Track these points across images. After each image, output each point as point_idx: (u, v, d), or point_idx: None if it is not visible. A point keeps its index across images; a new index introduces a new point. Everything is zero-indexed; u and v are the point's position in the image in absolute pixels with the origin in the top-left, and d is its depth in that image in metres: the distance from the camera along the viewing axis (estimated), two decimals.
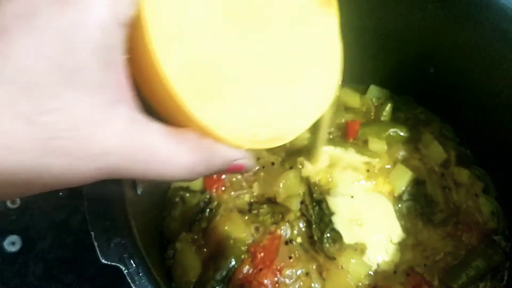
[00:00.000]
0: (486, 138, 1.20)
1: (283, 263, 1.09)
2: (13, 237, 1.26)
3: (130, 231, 0.78)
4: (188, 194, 1.17)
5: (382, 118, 1.29)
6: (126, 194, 0.83)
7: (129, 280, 0.72)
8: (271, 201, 1.18)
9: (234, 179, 1.21)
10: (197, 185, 1.19)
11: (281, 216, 1.14)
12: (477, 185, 1.21)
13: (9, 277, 1.23)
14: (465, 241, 1.14)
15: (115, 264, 0.73)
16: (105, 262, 0.73)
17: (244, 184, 1.21)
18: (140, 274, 0.73)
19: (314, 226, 1.13)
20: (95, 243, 0.74)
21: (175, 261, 1.10)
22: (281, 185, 1.19)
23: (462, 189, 1.20)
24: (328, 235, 1.12)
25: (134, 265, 0.73)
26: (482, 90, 1.13)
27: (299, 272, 1.09)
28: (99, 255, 0.73)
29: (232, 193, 1.19)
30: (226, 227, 1.12)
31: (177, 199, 1.17)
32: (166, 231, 1.16)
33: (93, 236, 0.75)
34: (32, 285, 1.23)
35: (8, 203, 1.29)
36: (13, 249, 1.25)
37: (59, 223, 1.29)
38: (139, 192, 0.91)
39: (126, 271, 0.73)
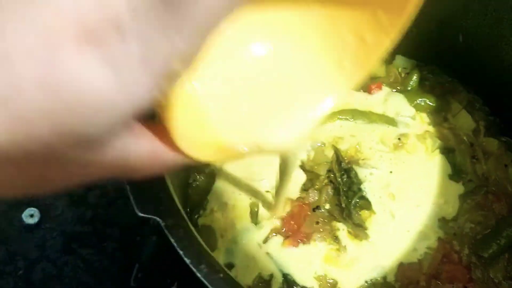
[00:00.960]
0: None
1: (310, 229, 1.08)
2: (32, 210, 1.24)
3: (165, 185, 0.76)
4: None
5: (409, 88, 1.26)
6: None
7: (167, 232, 0.70)
8: (300, 167, 1.16)
9: None
10: None
11: (310, 183, 1.12)
12: (506, 156, 1.18)
13: (28, 249, 1.22)
14: (495, 211, 1.12)
15: (150, 216, 0.71)
16: (141, 215, 0.71)
17: None
18: (177, 226, 0.71)
19: (342, 193, 1.12)
20: (130, 196, 0.72)
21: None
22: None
23: (492, 159, 1.18)
24: (357, 202, 1.11)
25: (171, 218, 0.71)
26: None
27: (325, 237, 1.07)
28: (135, 207, 0.71)
29: None
30: None
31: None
32: (189, 200, 1.14)
33: (128, 189, 0.73)
34: (50, 258, 1.22)
35: None
36: (31, 221, 1.23)
37: (77, 197, 1.28)
38: None
39: (163, 223, 0.71)
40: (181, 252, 0.69)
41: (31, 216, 1.24)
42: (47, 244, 1.23)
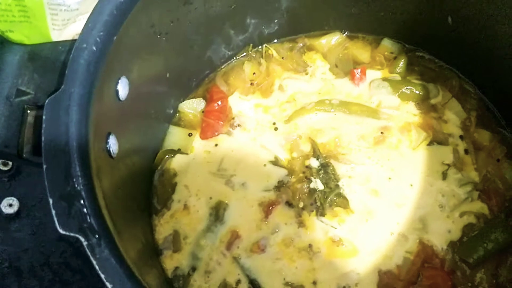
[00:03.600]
0: None
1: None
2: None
3: (95, 197, 0.69)
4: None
5: (396, 73, 1.16)
6: (96, 156, 0.74)
7: (89, 253, 0.63)
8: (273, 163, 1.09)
9: None
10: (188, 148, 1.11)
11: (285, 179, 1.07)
12: (499, 149, 1.08)
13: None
14: (484, 211, 1.02)
15: (73, 234, 0.64)
16: (63, 232, 0.65)
17: None
18: (102, 246, 0.64)
19: (317, 190, 1.04)
20: (53, 211, 0.65)
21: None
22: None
23: (482, 152, 1.08)
24: (333, 200, 1.03)
25: (95, 236, 0.65)
26: (508, 41, 1.00)
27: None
28: (57, 224, 0.65)
29: None
30: None
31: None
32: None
33: (51, 203, 0.66)
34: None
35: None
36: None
37: None
38: (113, 155, 0.81)
39: (85, 242, 0.64)
40: (102, 276, 0.62)
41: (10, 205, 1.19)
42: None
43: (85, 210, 0.66)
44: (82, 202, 0.67)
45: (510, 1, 0.93)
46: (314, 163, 1.08)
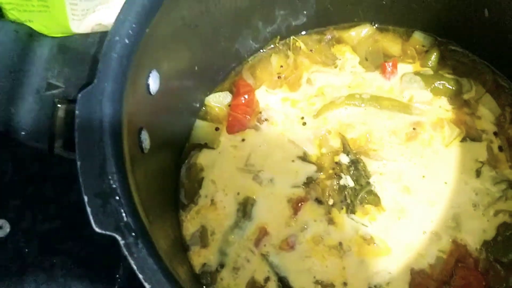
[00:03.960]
0: None
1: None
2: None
3: (130, 195, 0.67)
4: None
5: (428, 67, 1.13)
6: (129, 152, 0.72)
7: (126, 253, 0.62)
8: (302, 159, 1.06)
9: None
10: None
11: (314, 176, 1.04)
12: None
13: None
14: None
15: (109, 233, 0.63)
16: (99, 231, 0.63)
17: None
18: (139, 245, 0.63)
19: (347, 188, 1.02)
20: (88, 209, 0.64)
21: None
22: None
23: None
24: (364, 197, 1.01)
25: (132, 235, 0.63)
26: None
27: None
28: (92, 222, 0.63)
29: None
30: None
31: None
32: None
33: (85, 200, 0.64)
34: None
35: None
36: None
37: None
38: (145, 150, 0.80)
39: (122, 241, 0.62)
40: (140, 276, 0.60)
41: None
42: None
43: (121, 208, 0.64)
44: (118, 199, 0.65)
45: None
46: (344, 159, 1.05)
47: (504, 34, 1.05)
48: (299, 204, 1.02)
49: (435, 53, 1.14)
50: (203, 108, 1.12)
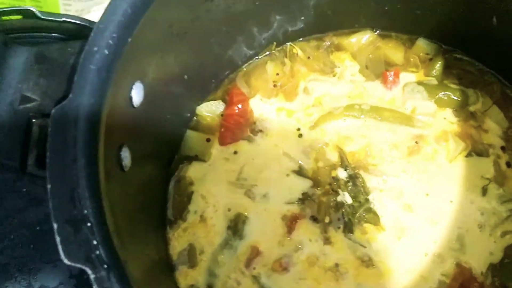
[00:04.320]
0: None
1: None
2: None
3: (104, 221, 0.61)
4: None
5: (432, 77, 1.07)
6: (106, 172, 0.66)
7: (96, 287, 0.56)
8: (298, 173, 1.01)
9: None
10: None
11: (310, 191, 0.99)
12: None
13: None
14: None
15: (80, 266, 0.57)
16: (69, 263, 0.58)
17: None
18: (111, 279, 0.57)
19: (345, 205, 0.96)
20: (57, 238, 0.58)
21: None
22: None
23: None
24: (363, 215, 0.95)
25: (104, 268, 0.57)
26: None
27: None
28: (62, 253, 0.58)
29: None
30: None
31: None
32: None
33: (55, 228, 0.59)
34: None
35: None
36: None
37: None
38: (125, 168, 0.74)
39: (93, 275, 0.57)
40: None
41: None
42: None
43: (93, 237, 0.59)
44: (90, 227, 0.59)
45: None
46: (342, 174, 1.00)
47: None
48: (294, 222, 0.96)
49: (439, 62, 1.08)
50: (194, 118, 1.07)
